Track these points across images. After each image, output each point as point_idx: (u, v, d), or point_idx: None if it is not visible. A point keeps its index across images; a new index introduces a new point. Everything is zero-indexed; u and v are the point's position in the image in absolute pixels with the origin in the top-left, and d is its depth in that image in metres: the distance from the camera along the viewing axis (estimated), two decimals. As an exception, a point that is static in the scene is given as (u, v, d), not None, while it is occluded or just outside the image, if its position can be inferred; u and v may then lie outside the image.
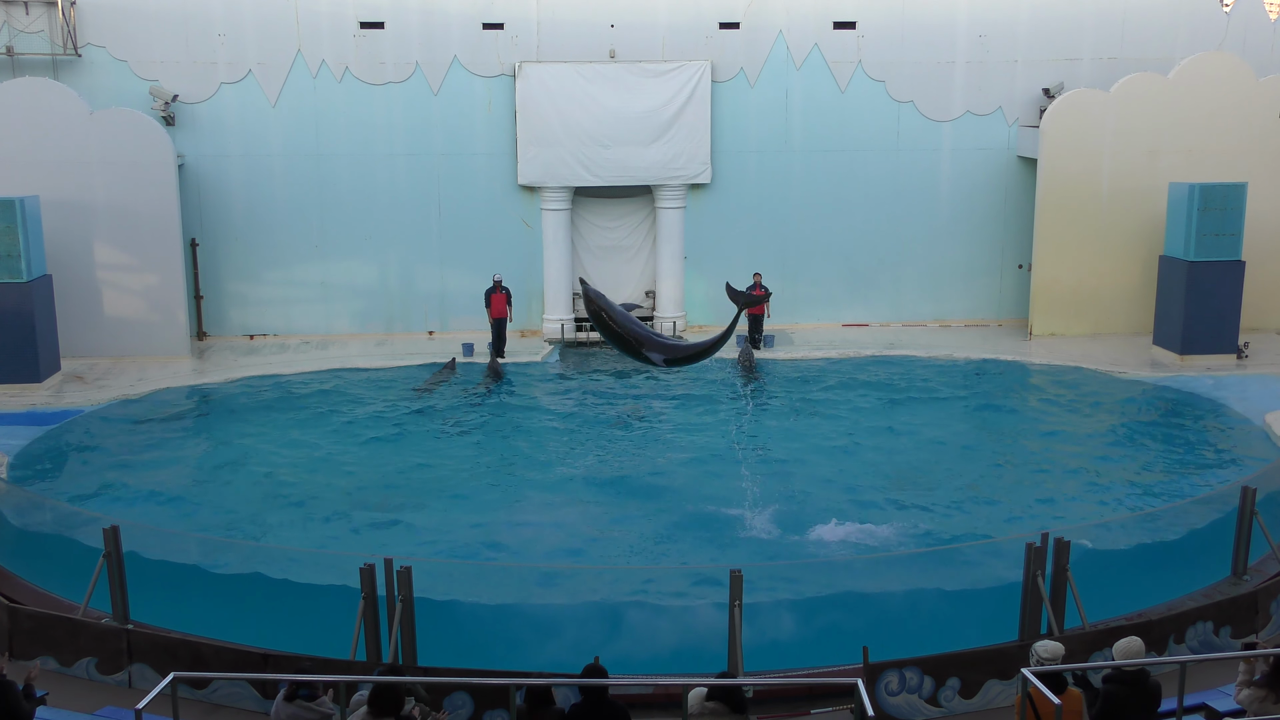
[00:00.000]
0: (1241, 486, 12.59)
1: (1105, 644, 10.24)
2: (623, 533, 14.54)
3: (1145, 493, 15.74)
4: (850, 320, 25.70)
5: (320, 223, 24.43)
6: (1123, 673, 8.15)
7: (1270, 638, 11.22)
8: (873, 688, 9.78)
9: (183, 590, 12.64)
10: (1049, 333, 24.10)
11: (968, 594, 12.20)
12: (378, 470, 17.00)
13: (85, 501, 15.33)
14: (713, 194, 24.90)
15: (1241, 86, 23.32)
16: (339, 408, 19.95)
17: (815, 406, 20.07)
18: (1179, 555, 13.20)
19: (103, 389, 20.33)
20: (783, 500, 15.50)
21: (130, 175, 21.98)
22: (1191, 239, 21.28)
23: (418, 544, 14.10)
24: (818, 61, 24.64)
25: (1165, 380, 20.75)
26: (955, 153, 25.12)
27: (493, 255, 24.40)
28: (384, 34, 23.93)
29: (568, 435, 18.74)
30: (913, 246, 25.40)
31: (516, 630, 11.85)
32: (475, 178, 24.56)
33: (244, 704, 10.29)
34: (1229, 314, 21.52)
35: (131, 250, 22.28)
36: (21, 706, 8.13)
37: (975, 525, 14.62)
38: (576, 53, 24.14)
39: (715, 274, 25.00)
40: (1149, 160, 23.46)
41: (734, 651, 10.20)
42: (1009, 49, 24.83)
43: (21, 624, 10.95)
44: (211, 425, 19.29)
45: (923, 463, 17.11)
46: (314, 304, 24.77)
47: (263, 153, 24.06)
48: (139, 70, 23.41)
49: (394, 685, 7.70)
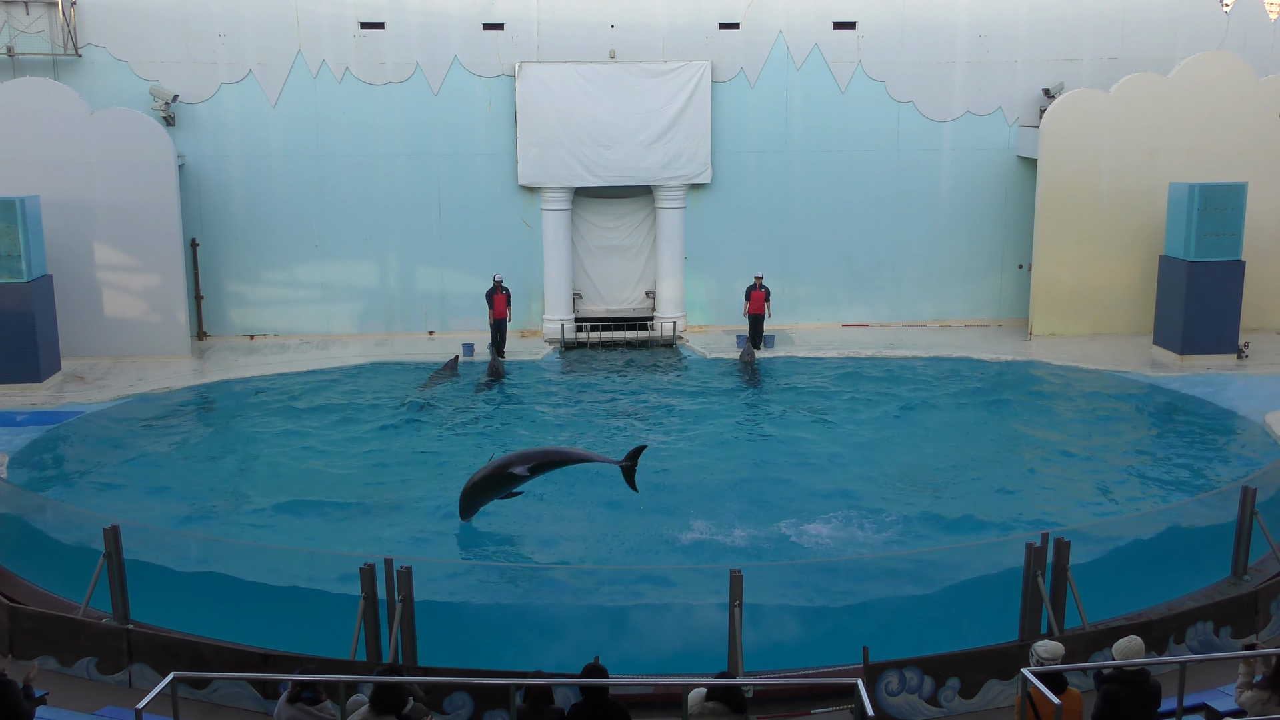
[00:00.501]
0: (1242, 486, 12.59)
1: (1105, 644, 10.24)
2: (621, 532, 14.54)
3: (1145, 492, 15.75)
4: (850, 320, 25.70)
5: (320, 223, 24.44)
6: (1123, 673, 8.15)
7: (1270, 638, 11.22)
8: (873, 688, 9.78)
9: (183, 590, 12.64)
10: (1049, 333, 24.10)
11: (967, 594, 12.21)
12: (378, 470, 17.00)
13: (85, 501, 15.34)
14: (713, 194, 24.91)
15: (1242, 86, 23.33)
16: (339, 408, 19.96)
17: (815, 406, 20.08)
18: (1179, 555, 13.21)
19: (103, 389, 20.34)
20: (782, 499, 15.52)
21: (130, 175, 21.98)
22: (1192, 239, 21.29)
23: (417, 544, 14.10)
24: (818, 62, 24.65)
25: (1165, 380, 20.76)
26: (955, 153, 25.12)
27: (493, 255, 24.44)
28: (384, 34, 23.93)
29: (567, 435, 18.72)
30: (913, 247, 25.42)
31: (516, 630, 11.84)
32: (475, 178, 24.57)
33: (244, 704, 10.30)
34: (1229, 314, 21.52)
35: (132, 250, 22.29)
36: (22, 706, 8.13)
37: (975, 525, 14.62)
38: (577, 53, 24.15)
39: (716, 274, 25.15)
40: (1149, 160, 23.47)
41: (734, 651, 10.20)
42: (1009, 49, 24.84)
43: (22, 624, 10.96)
44: (211, 425, 19.31)
45: (922, 463, 17.12)
46: (314, 304, 24.78)
47: (263, 153, 24.06)
48: (139, 70, 23.41)
49: (393, 685, 7.69)
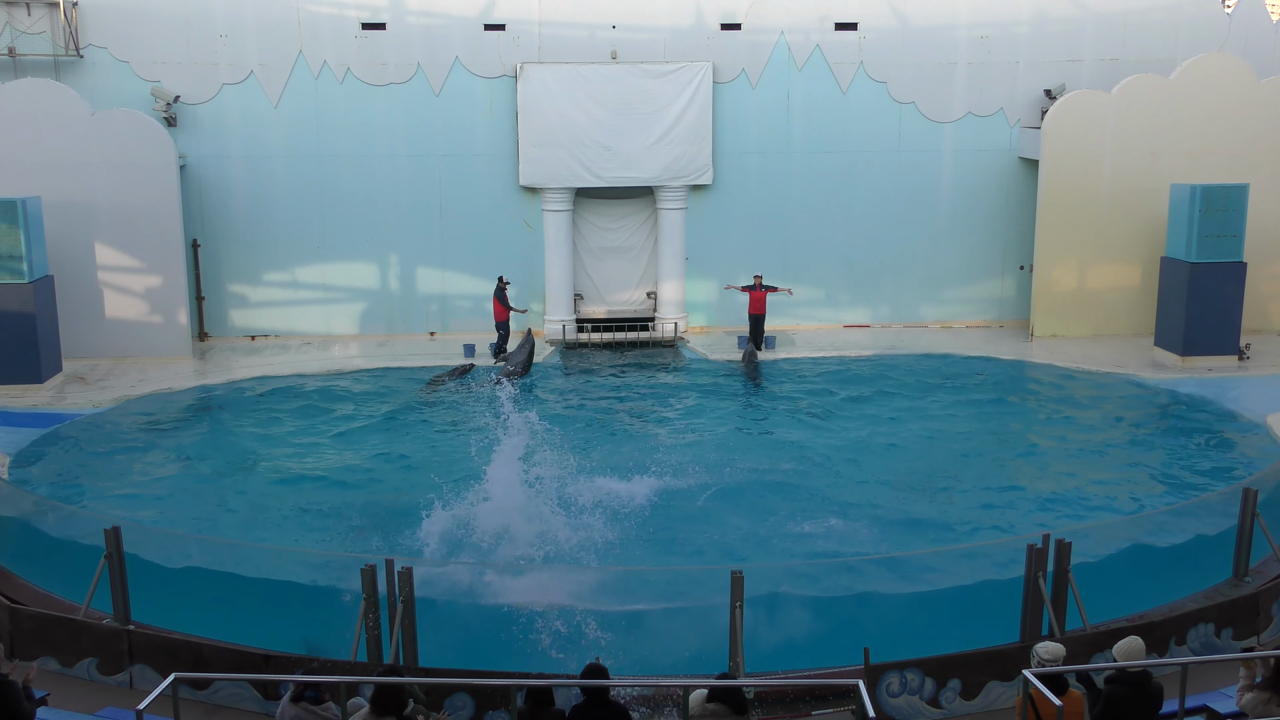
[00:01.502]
0: (1243, 488, 12.58)
1: (1106, 645, 10.23)
2: (623, 533, 14.52)
3: (1146, 494, 15.75)
4: (852, 321, 25.70)
5: (321, 224, 24.45)
6: (1124, 674, 8.15)
7: (1271, 640, 11.21)
8: (874, 689, 9.78)
9: (183, 591, 12.64)
10: (1050, 334, 24.09)
11: (968, 595, 12.20)
12: (379, 470, 17.01)
13: (86, 502, 15.35)
14: (714, 195, 24.91)
15: (1243, 88, 23.32)
16: (340, 409, 19.97)
17: (816, 407, 20.08)
18: (1180, 556, 13.19)
19: (104, 390, 20.35)
20: (783, 500, 15.52)
21: (132, 176, 21.99)
22: (1193, 240, 21.28)
23: (417, 545, 14.09)
24: (819, 63, 24.65)
25: (1167, 382, 20.75)
26: (957, 154, 25.12)
27: (494, 257, 24.47)
28: (385, 35, 23.94)
29: (568, 435, 18.70)
30: (914, 248, 25.41)
31: (516, 630, 11.83)
32: (476, 179, 24.58)
33: (245, 705, 10.30)
34: (1230, 315, 21.52)
35: (133, 251, 22.30)
36: (23, 707, 8.13)
37: (976, 526, 14.63)
38: (578, 54, 24.16)
39: (717, 275, 25.14)
40: (1150, 161, 23.46)
41: (735, 652, 10.20)
42: (1010, 50, 24.83)
43: (23, 625, 10.96)
44: (213, 426, 19.31)
45: (924, 464, 17.12)
46: (315, 305, 24.79)
47: (264, 154, 24.07)
48: (141, 71, 23.42)
49: (395, 686, 7.69)
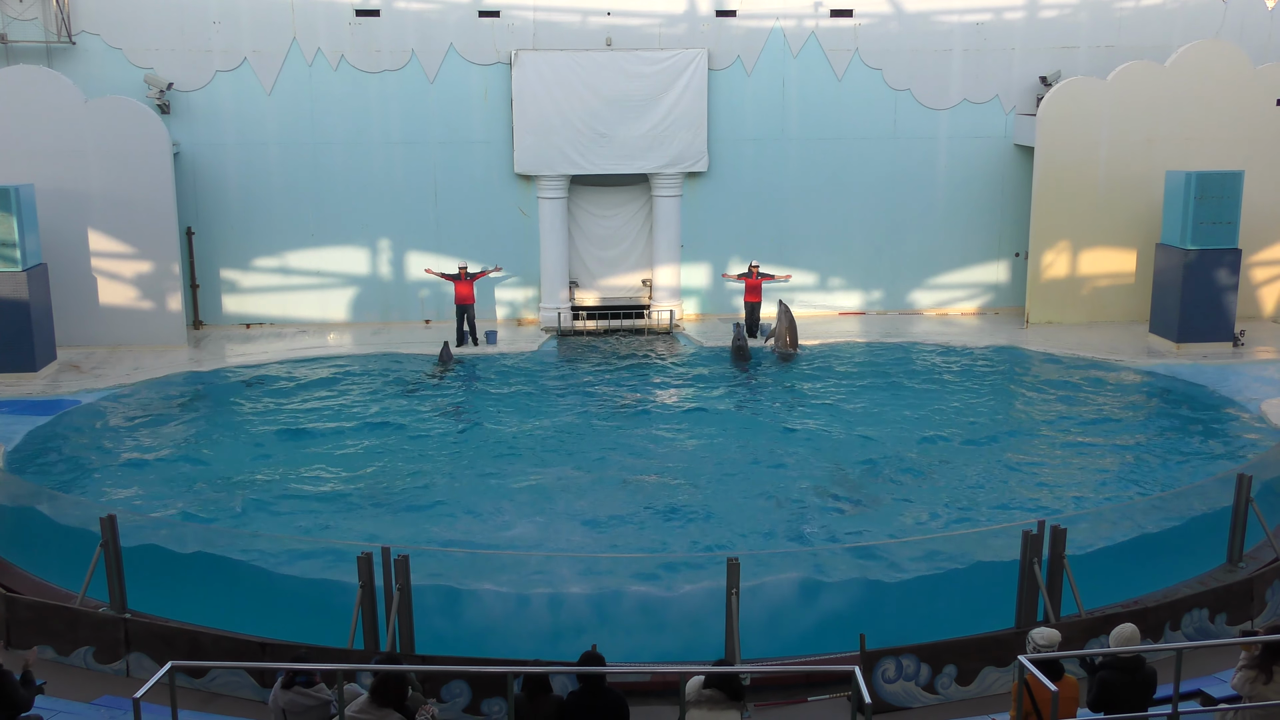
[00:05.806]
0: (1237, 474, 12.63)
1: (1101, 631, 10.27)
2: (618, 520, 14.55)
3: (1141, 480, 15.79)
4: (847, 308, 25.70)
5: (316, 211, 24.37)
6: (1119, 659, 8.19)
7: (1265, 624, 11.25)
8: (870, 675, 9.82)
9: (180, 579, 12.65)
10: (1045, 321, 24.12)
11: (964, 580, 12.24)
12: (374, 458, 17.00)
13: (82, 490, 15.34)
14: (709, 183, 24.86)
15: (1238, 75, 23.31)
16: (335, 396, 19.96)
17: (810, 394, 20.09)
18: (1175, 542, 13.25)
19: (99, 378, 20.30)
20: (778, 486, 15.55)
21: (125, 163, 21.89)
22: (1188, 227, 21.30)
23: (414, 532, 14.11)
24: (814, 50, 24.59)
25: (1161, 368, 20.79)
26: (952, 141, 25.09)
27: (489, 244, 24.43)
28: (379, 22, 23.83)
29: (563, 423, 18.72)
30: (909, 235, 25.40)
31: (513, 618, 11.86)
32: (471, 166, 24.51)
33: (242, 693, 10.32)
34: (1225, 302, 21.55)
35: (127, 239, 22.21)
36: (19, 694, 8.14)
37: (971, 512, 14.66)
38: (572, 41, 24.07)
39: (712, 263, 25.12)
40: (1146, 148, 23.46)
41: (731, 639, 10.22)
42: (1006, 37, 24.79)
43: (19, 613, 10.96)
44: (207, 414, 19.28)
45: (918, 450, 17.13)
46: (310, 292, 24.74)
47: (258, 141, 23.98)
48: (134, 58, 23.30)
49: (395, 676, 7.70)
